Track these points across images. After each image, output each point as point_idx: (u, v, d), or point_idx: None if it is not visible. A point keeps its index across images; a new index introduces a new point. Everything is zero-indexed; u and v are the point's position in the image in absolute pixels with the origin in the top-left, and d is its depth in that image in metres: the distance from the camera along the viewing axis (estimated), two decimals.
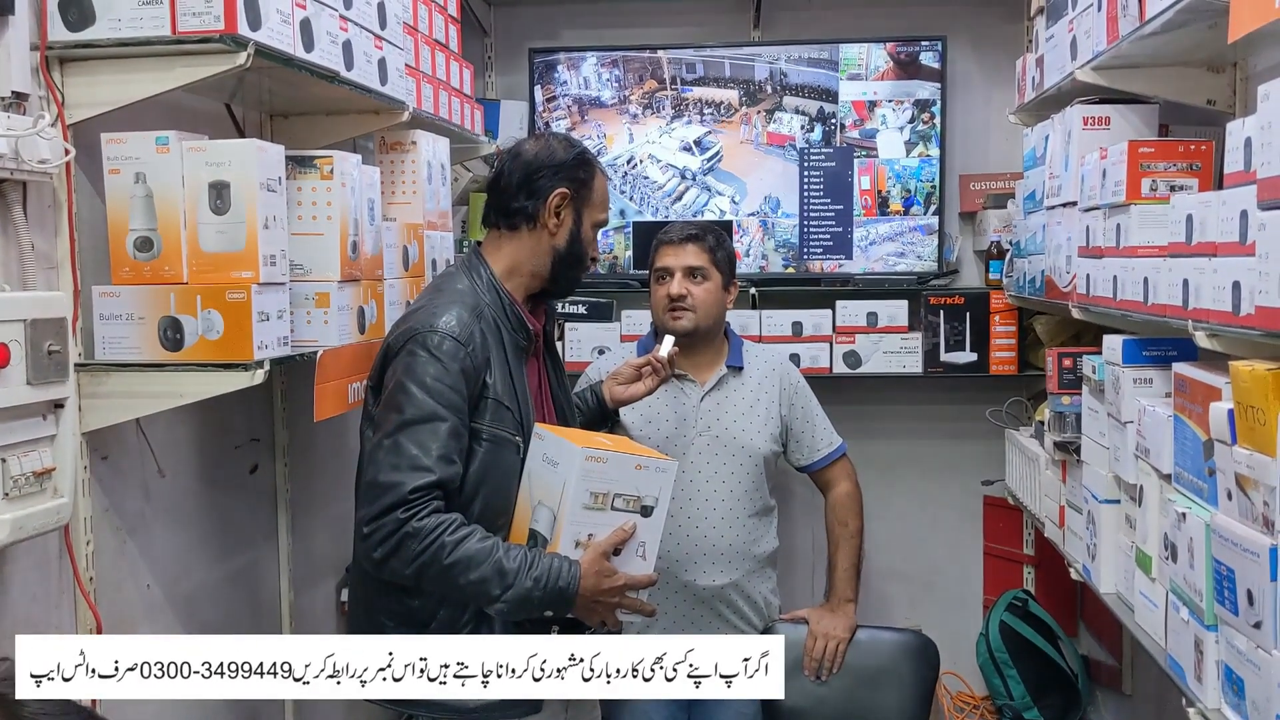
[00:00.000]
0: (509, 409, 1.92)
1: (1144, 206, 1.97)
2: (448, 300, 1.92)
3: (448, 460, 1.82)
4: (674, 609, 2.58)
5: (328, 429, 2.64)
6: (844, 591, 2.69)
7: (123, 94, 1.75)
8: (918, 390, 3.54)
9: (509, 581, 1.78)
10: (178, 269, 1.77)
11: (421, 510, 1.79)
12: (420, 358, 1.85)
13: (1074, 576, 2.31)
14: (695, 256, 2.61)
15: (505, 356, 1.93)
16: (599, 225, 2.07)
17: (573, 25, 3.65)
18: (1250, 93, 2.11)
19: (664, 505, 1.88)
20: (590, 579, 1.81)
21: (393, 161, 2.46)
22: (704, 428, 2.62)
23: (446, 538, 1.78)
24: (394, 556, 1.79)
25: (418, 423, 1.81)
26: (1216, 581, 1.50)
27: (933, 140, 3.42)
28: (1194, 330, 1.64)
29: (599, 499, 1.83)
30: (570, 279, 2.06)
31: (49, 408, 1.59)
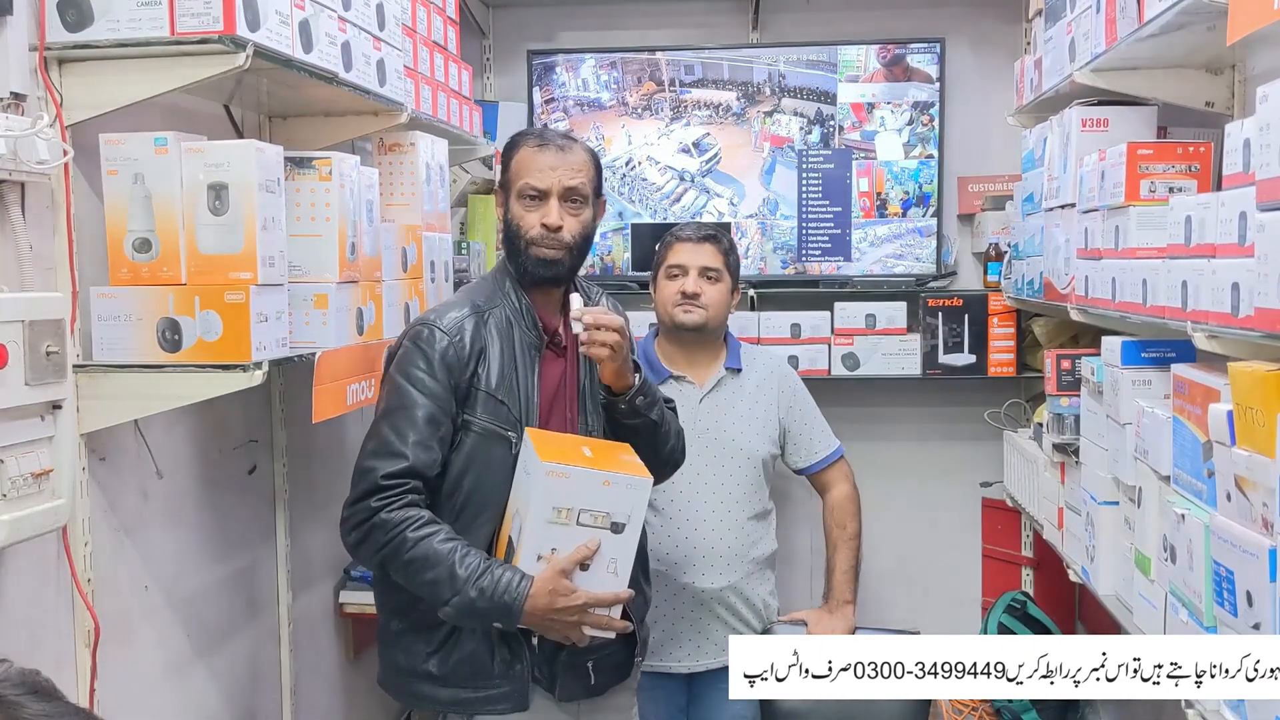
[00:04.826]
0: (504, 404, 1.93)
1: (1143, 208, 1.97)
2: (451, 301, 1.99)
3: (424, 446, 1.87)
4: (672, 611, 2.58)
5: (326, 430, 2.64)
6: (842, 593, 2.69)
7: (121, 95, 1.75)
8: (916, 392, 3.54)
9: (457, 587, 1.81)
10: (176, 270, 1.77)
11: (394, 501, 1.85)
12: (407, 349, 1.93)
13: (1073, 578, 2.31)
14: (711, 257, 2.62)
15: (514, 354, 1.95)
16: (524, 192, 1.98)
17: (571, 27, 3.65)
18: (1249, 94, 2.11)
19: (637, 521, 1.86)
20: (543, 597, 1.81)
21: (391, 163, 2.46)
22: (703, 430, 2.62)
23: (409, 533, 1.83)
24: (364, 544, 1.88)
25: (397, 410, 1.89)
26: (1216, 583, 1.50)
27: (931, 142, 3.42)
28: (1193, 332, 1.64)
29: (563, 514, 1.82)
30: (519, 263, 2.00)
31: (47, 409, 1.59)
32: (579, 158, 2.01)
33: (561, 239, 1.97)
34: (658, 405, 2.08)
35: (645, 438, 2.05)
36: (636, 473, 1.87)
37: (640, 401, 2.02)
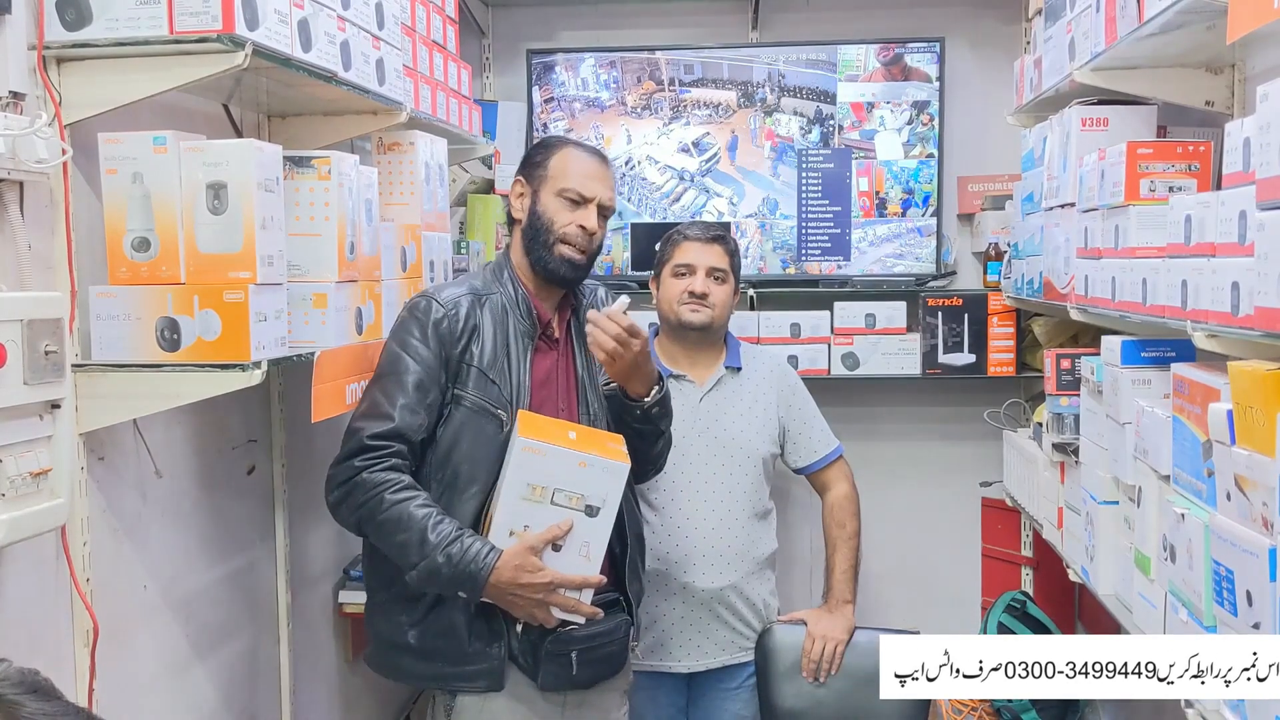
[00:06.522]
0: (495, 384, 1.98)
1: (1142, 207, 1.97)
2: (451, 281, 2.12)
3: (410, 410, 1.94)
4: (672, 610, 2.58)
5: (325, 430, 2.63)
6: (842, 593, 2.69)
7: (120, 94, 1.74)
8: (916, 392, 3.54)
9: (425, 552, 1.85)
10: (175, 269, 1.76)
11: (378, 463, 1.90)
12: (403, 319, 2.03)
13: (1072, 578, 2.31)
14: (719, 258, 2.63)
15: (506, 339, 2.03)
16: (565, 194, 2.07)
17: (571, 26, 3.65)
18: (1249, 93, 2.11)
19: (612, 506, 1.88)
20: (508, 570, 1.85)
21: (390, 162, 2.46)
22: (703, 429, 2.62)
23: (387, 495, 1.88)
24: (344, 503, 1.93)
25: (388, 375, 1.97)
26: (1215, 582, 1.49)
27: (931, 142, 3.42)
28: (1193, 331, 1.63)
29: (536, 491, 1.85)
30: (541, 257, 2.08)
31: (46, 408, 1.58)
32: (612, 177, 2.18)
33: (591, 244, 2.09)
34: (669, 417, 2.18)
35: (646, 441, 2.14)
36: (615, 458, 1.89)
37: (656, 412, 2.10)
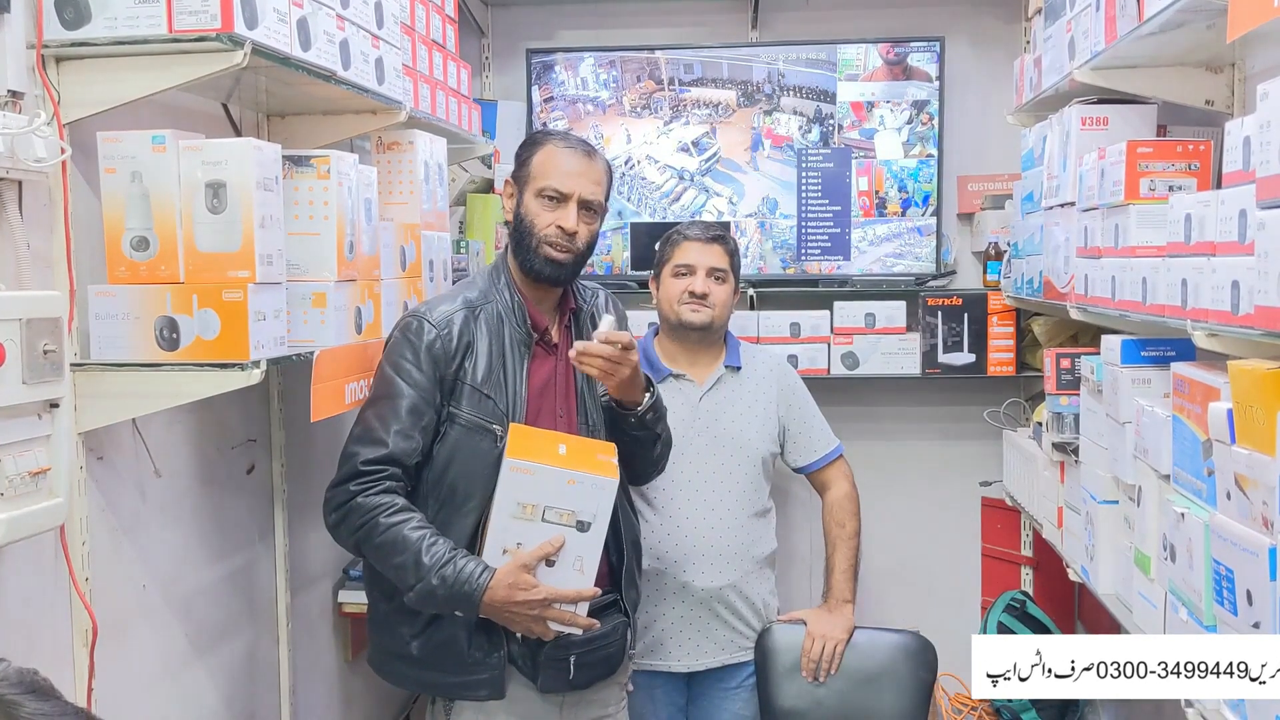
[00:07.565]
0: (490, 399, 1.97)
1: (1142, 206, 1.97)
2: (444, 294, 2.06)
3: (404, 435, 1.93)
4: (672, 610, 2.57)
5: (324, 429, 2.63)
6: (842, 593, 2.69)
7: (119, 93, 1.74)
8: (915, 391, 3.54)
9: (421, 574, 1.87)
10: (174, 268, 1.76)
11: (372, 487, 1.91)
12: (396, 340, 2.01)
13: (1072, 577, 2.31)
14: (719, 258, 2.63)
15: (503, 350, 2.00)
16: (544, 192, 2.03)
17: (570, 26, 3.65)
18: (1249, 92, 2.11)
19: (603, 520, 1.89)
20: (501, 589, 1.85)
21: (390, 161, 2.45)
22: (703, 428, 2.62)
23: (382, 518, 1.89)
24: (341, 526, 1.94)
25: (382, 399, 1.96)
26: (1215, 582, 1.49)
27: (931, 141, 3.42)
28: (1193, 330, 1.63)
29: (527, 509, 1.86)
30: (527, 259, 2.04)
31: (44, 407, 1.58)
32: (599, 170, 2.08)
33: (574, 244, 2.03)
34: (663, 421, 2.16)
35: (644, 446, 2.14)
36: (604, 473, 1.89)
37: (650, 418, 2.09)
